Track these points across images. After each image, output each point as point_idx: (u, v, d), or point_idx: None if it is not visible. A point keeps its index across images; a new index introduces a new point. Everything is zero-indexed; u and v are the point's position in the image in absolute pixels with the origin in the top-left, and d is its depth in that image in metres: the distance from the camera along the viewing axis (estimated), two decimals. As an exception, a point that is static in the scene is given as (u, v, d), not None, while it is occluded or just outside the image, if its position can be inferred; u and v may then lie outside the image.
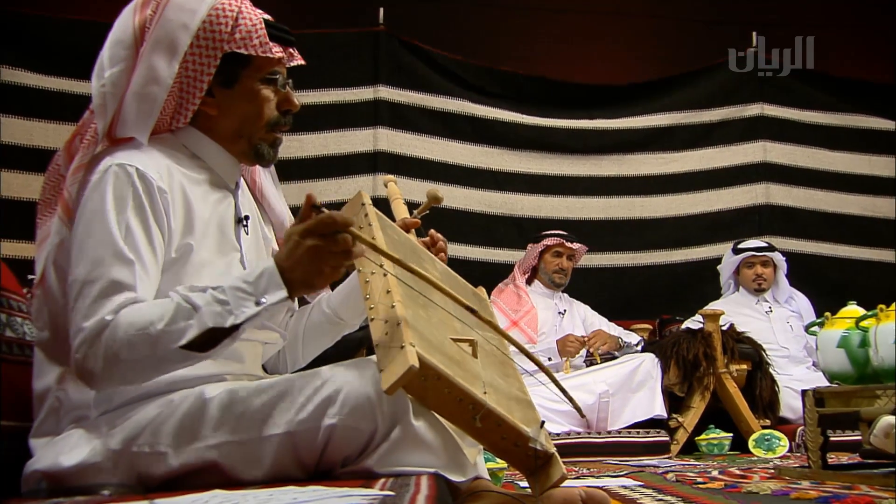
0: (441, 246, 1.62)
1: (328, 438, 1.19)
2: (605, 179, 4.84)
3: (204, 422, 1.24)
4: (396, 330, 1.14)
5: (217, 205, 1.42)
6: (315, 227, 1.19)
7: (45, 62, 4.04)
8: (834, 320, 2.25)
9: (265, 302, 1.20)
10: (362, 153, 4.46)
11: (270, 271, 1.21)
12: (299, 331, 1.59)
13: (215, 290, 1.21)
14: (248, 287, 1.21)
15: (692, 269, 4.78)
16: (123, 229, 1.27)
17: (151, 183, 1.31)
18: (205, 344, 1.20)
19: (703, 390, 3.65)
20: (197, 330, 1.19)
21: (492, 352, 1.37)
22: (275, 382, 1.25)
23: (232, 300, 1.20)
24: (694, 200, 4.88)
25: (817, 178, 4.97)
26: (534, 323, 3.96)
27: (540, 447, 1.22)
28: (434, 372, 1.12)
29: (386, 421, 1.18)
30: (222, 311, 1.19)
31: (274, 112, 1.45)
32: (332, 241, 1.18)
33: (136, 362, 1.20)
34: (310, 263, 1.19)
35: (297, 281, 1.22)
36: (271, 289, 1.21)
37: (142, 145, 1.37)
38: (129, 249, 1.26)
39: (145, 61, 1.37)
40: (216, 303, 1.20)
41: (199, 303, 1.20)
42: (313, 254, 1.19)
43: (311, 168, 4.34)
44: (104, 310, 1.21)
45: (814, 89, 4.99)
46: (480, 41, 4.87)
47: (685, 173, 4.90)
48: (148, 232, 1.29)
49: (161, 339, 1.19)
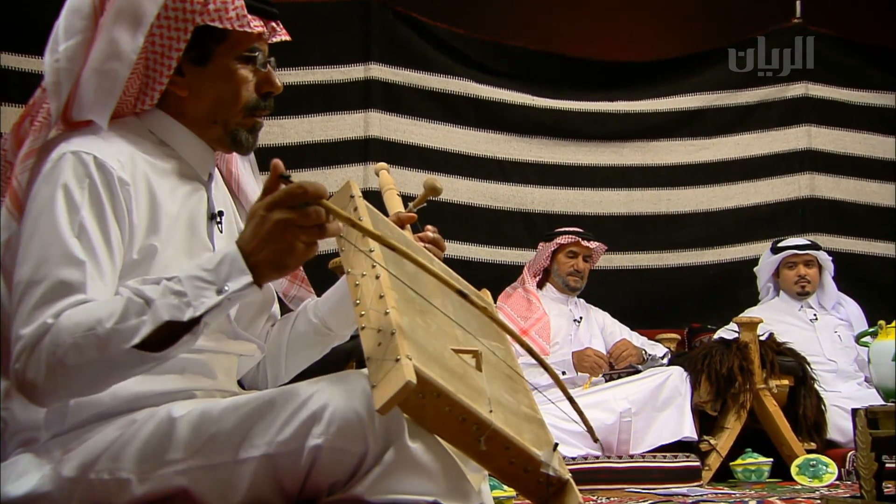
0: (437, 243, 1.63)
1: (313, 461, 1.19)
2: (627, 169, 4.85)
3: (171, 444, 1.23)
4: (391, 340, 1.14)
5: (187, 198, 1.42)
6: (283, 199, 1.16)
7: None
8: (889, 329, 2.25)
9: (228, 289, 1.19)
10: (351, 139, 4.46)
11: (232, 255, 1.20)
12: (282, 342, 1.59)
13: (170, 280, 1.20)
14: (207, 275, 1.19)
15: (726, 272, 4.79)
16: (76, 226, 1.27)
17: (111, 173, 1.31)
18: (162, 342, 1.19)
19: (738, 409, 3.66)
20: (151, 325, 1.17)
21: (498, 364, 1.38)
22: (252, 399, 1.25)
23: (190, 290, 1.18)
24: (728, 193, 4.89)
25: (869, 168, 4.97)
26: (546, 332, 3.97)
27: (553, 473, 1.22)
28: (433, 388, 1.12)
29: (378, 442, 1.18)
30: (179, 304, 1.18)
31: (252, 94, 1.45)
32: (303, 213, 1.16)
33: (84, 368, 1.19)
34: (279, 240, 1.17)
35: (265, 263, 1.19)
36: (234, 274, 1.19)
37: (101, 130, 1.37)
38: (81, 248, 1.26)
39: (106, 33, 1.37)
40: (172, 294, 1.18)
41: (153, 295, 1.18)
42: (282, 229, 1.17)
43: (294, 156, 4.34)
44: (46, 313, 1.21)
45: (866, 65, 4.99)
46: (485, 12, 4.88)
47: (718, 162, 4.91)
48: (105, 229, 1.29)
49: (111, 340, 1.18)
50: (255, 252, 1.19)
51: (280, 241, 1.17)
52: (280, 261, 1.20)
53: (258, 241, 1.18)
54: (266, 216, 1.17)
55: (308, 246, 1.19)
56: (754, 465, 3.58)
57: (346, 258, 1.35)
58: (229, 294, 1.19)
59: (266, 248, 1.18)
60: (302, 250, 1.19)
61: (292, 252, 1.19)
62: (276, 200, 1.17)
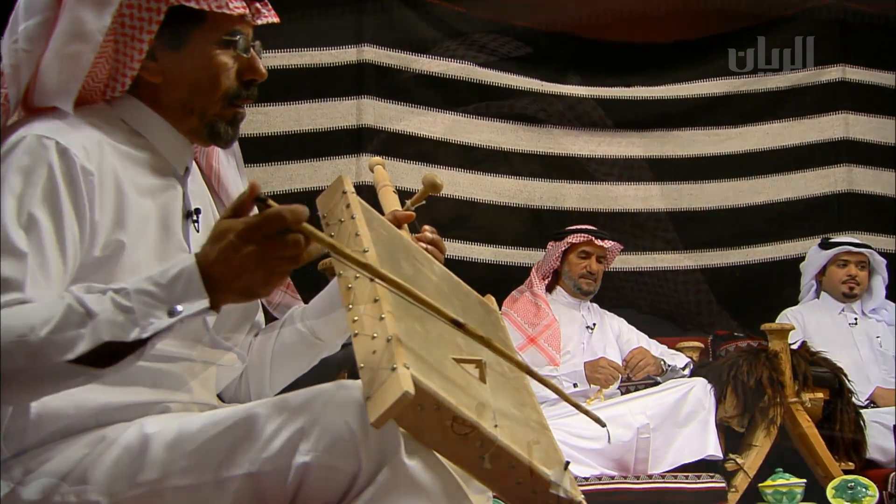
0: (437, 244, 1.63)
1: (301, 480, 1.19)
2: (645, 161, 4.85)
3: (145, 463, 1.24)
4: (386, 348, 1.14)
5: (160, 194, 1.42)
6: (259, 226, 1.14)
7: None
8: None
9: (181, 312, 1.16)
10: (343, 129, 4.46)
11: (189, 272, 1.17)
12: (266, 353, 1.59)
13: (118, 292, 1.17)
14: (158, 291, 1.17)
15: (754, 274, 4.79)
16: (24, 216, 1.26)
17: (73, 161, 1.31)
18: (100, 360, 1.17)
19: (768, 425, 3.65)
20: (89, 343, 1.15)
21: (504, 374, 1.38)
22: (233, 412, 1.25)
23: (138, 307, 1.16)
24: (756, 187, 4.89)
25: (912, 160, 4.98)
26: (556, 340, 3.97)
27: (564, 494, 1.22)
28: (433, 400, 1.13)
29: (372, 459, 1.18)
30: (125, 322, 1.15)
31: (233, 82, 1.45)
32: (282, 243, 1.15)
33: (14, 377, 1.16)
34: (253, 271, 1.16)
35: (232, 290, 1.18)
36: (190, 296, 1.17)
37: (67, 115, 1.37)
38: (27, 241, 1.24)
39: (69, 12, 1.37)
40: (117, 309, 1.16)
41: (95, 308, 1.16)
42: (256, 260, 1.15)
43: (280, 147, 4.35)
44: None
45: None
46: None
47: (745, 154, 4.90)
48: (58, 221, 1.27)
49: (43, 350, 1.15)
50: (222, 277, 1.17)
51: (254, 272, 1.16)
52: (249, 290, 1.19)
53: (225, 267, 1.16)
54: (237, 244, 1.15)
55: (282, 275, 1.19)
56: (786, 486, 3.58)
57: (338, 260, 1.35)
58: (182, 317, 1.16)
59: (235, 277, 1.17)
60: (275, 280, 1.19)
61: (265, 283, 1.18)
62: (250, 228, 1.15)
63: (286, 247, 1.15)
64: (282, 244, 1.15)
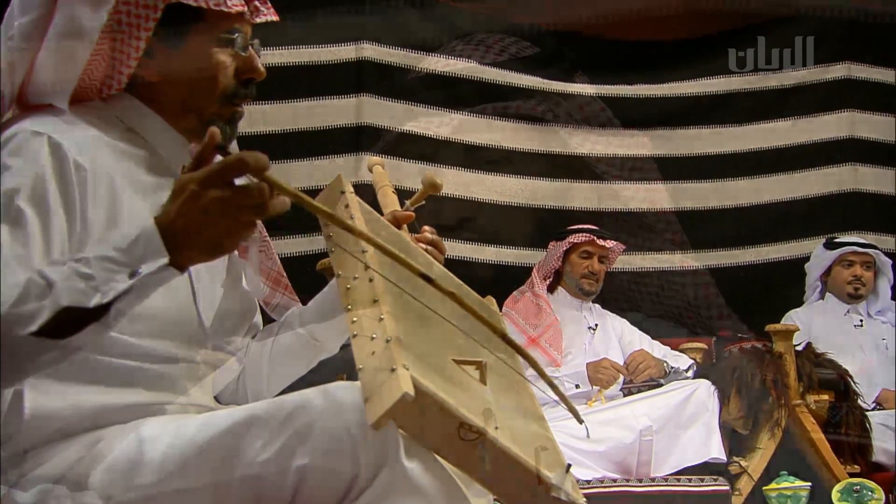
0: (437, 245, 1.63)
1: (298, 483, 1.19)
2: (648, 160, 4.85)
3: (142, 466, 1.24)
4: (385, 349, 1.14)
5: (156, 192, 1.42)
6: (219, 173, 1.12)
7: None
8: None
9: (141, 272, 1.15)
10: (342, 127, 4.46)
11: (148, 233, 1.16)
12: (263, 356, 1.60)
13: (78, 261, 1.16)
14: (119, 255, 1.16)
15: (757, 274, 4.78)
16: (13, 212, 1.26)
17: (66, 156, 1.31)
18: (63, 329, 1.15)
19: (772, 427, 3.66)
20: (50, 311, 1.14)
21: (505, 376, 1.38)
22: (230, 414, 1.25)
23: (98, 273, 1.15)
24: (760, 187, 4.89)
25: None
26: (557, 341, 3.97)
27: (565, 497, 1.22)
28: (433, 401, 1.13)
29: (371, 462, 1.18)
30: (85, 288, 1.14)
31: (231, 80, 1.45)
32: (244, 191, 1.13)
33: None
34: (217, 222, 1.14)
35: (196, 245, 1.16)
36: (150, 255, 1.15)
37: (63, 112, 1.38)
38: (10, 234, 1.24)
39: (65, 9, 1.38)
40: (77, 277, 1.15)
41: (55, 278, 1.15)
42: (218, 209, 1.13)
43: (277, 146, 4.34)
44: None
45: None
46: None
47: (748, 153, 4.90)
48: (45, 217, 1.27)
49: (5, 323, 1.14)
50: (182, 232, 1.15)
51: (216, 223, 1.14)
52: (214, 244, 1.17)
53: (187, 220, 1.14)
54: (199, 192, 1.12)
55: (247, 227, 1.16)
56: (790, 489, 3.59)
57: (337, 259, 1.35)
58: (142, 277, 1.15)
59: (198, 230, 1.15)
60: (240, 231, 1.16)
61: (229, 234, 1.16)
62: (210, 175, 1.13)
63: (249, 195, 1.13)
64: (245, 192, 1.13)
